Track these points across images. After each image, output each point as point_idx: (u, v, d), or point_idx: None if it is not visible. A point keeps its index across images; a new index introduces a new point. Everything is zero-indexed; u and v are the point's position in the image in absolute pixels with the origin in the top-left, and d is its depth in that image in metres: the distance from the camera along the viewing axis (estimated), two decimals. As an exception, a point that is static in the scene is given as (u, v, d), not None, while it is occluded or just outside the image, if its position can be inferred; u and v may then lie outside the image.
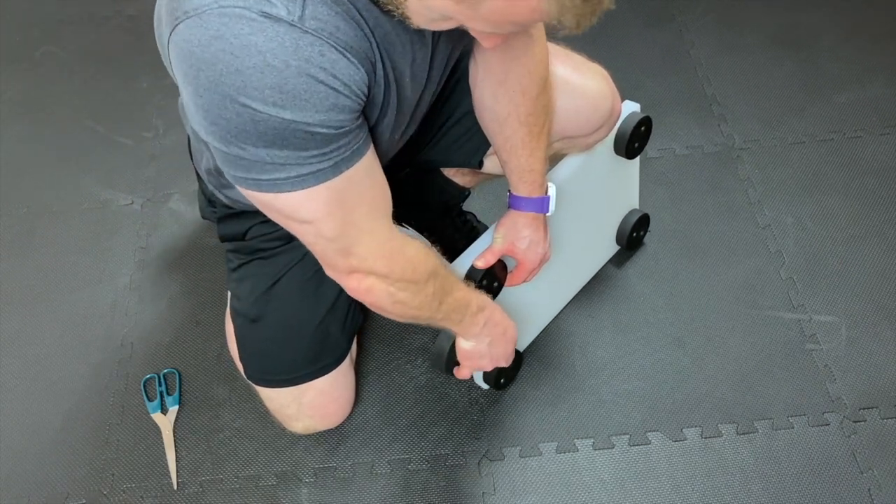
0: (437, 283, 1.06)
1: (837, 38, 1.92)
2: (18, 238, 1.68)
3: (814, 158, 1.70)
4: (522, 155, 1.16)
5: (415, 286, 1.03)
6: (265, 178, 0.87)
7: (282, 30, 0.79)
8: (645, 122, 1.34)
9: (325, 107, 0.83)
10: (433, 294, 1.06)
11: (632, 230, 1.52)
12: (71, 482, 1.34)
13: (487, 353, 1.20)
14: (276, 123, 0.82)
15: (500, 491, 1.30)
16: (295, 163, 0.85)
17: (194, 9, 0.80)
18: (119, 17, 2.14)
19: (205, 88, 0.81)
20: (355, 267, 0.99)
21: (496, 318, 1.18)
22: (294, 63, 0.80)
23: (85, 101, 1.94)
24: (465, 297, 1.12)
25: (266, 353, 1.27)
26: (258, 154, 0.84)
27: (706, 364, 1.42)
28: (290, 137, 0.83)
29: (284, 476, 1.33)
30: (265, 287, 1.25)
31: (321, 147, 0.86)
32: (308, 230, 0.95)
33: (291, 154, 0.85)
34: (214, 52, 0.79)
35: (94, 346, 1.51)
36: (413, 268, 1.02)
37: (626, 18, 2.01)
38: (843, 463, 1.29)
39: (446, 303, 1.09)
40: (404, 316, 1.08)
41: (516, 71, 1.10)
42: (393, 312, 1.06)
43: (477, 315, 1.14)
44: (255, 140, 0.83)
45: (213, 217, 1.35)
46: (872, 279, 1.51)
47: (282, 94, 0.80)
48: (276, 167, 0.86)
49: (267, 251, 1.25)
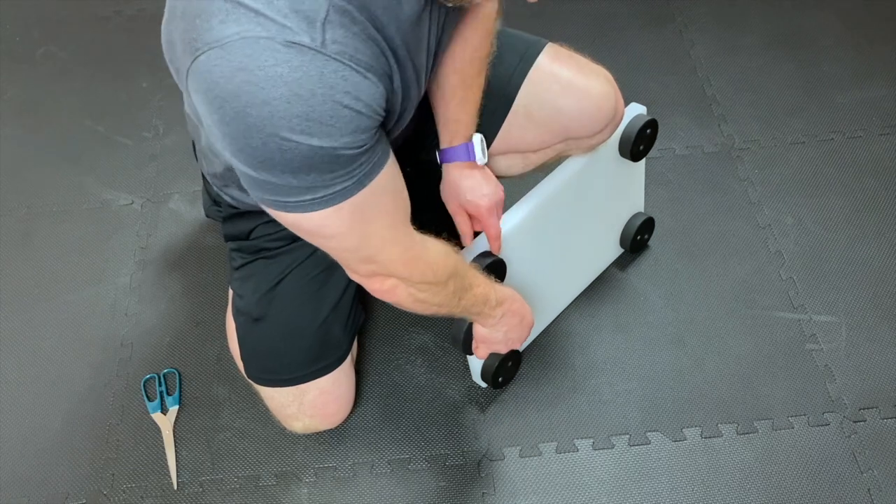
0: (458, 281, 1.09)
1: (837, 38, 1.92)
2: (18, 238, 1.68)
3: (814, 158, 1.70)
4: (451, 103, 1.17)
5: (436, 287, 1.06)
6: (292, 201, 0.87)
7: (306, 59, 0.79)
8: (651, 124, 1.34)
9: (350, 129, 0.83)
10: (453, 292, 1.09)
11: (636, 233, 1.52)
12: (71, 482, 1.34)
13: (503, 339, 1.25)
14: (303, 151, 0.82)
15: (500, 491, 1.30)
16: (321, 185, 0.86)
17: (216, 40, 0.79)
18: (119, 17, 2.14)
19: (230, 118, 0.81)
20: (377, 271, 1.01)
21: (514, 308, 1.22)
22: (320, 91, 0.80)
23: (85, 101, 1.94)
24: (485, 293, 1.15)
25: (268, 352, 1.27)
26: (285, 179, 0.85)
27: (706, 364, 1.42)
28: (317, 162, 0.84)
29: (284, 476, 1.33)
30: (269, 286, 1.25)
31: (346, 167, 0.86)
32: (331, 244, 0.97)
33: (318, 177, 0.85)
34: (239, 83, 0.79)
35: (94, 346, 1.51)
36: (434, 270, 1.04)
37: (626, 18, 2.01)
38: (843, 463, 1.30)
39: (466, 298, 1.12)
40: (425, 312, 1.11)
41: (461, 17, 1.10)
42: (414, 309, 1.10)
43: (495, 308, 1.18)
44: (282, 167, 0.83)
45: (217, 216, 1.36)
46: (872, 279, 1.51)
47: (308, 122, 0.80)
48: (303, 190, 0.86)
49: (271, 250, 1.26)
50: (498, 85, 1.24)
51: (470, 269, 1.13)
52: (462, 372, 1.43)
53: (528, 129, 1.27)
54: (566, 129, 1.24)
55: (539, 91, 1.25)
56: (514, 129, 1.28)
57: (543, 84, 1.25)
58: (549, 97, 1.24)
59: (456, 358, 1.44)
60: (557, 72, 1.24)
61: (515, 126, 1.28)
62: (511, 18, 1.23)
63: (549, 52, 1.26)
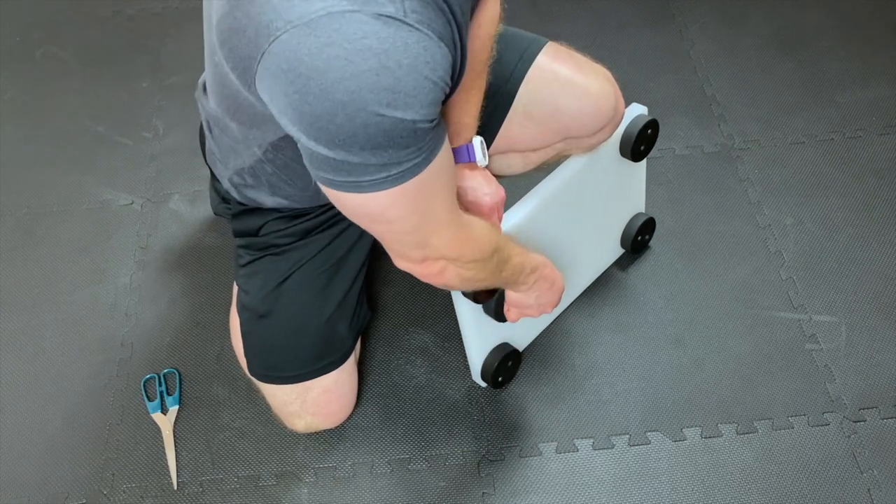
0: (499, 255, 1.10)
1: (837, 38, 1.92)
2: (18, 238, 1.68)
3: (814, 158, 1.70)
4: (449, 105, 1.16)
5: (482, 263, 1.06)
6: (365, 180, 0.87)
7: (391, 30, 0.79)
8: (652, 124, 1.34)
9: (428, 101, 0.83)
10: (496, 265, 1.10)
11: (637, 234, 1.52)
12: (71, 482, 1.34)
13: (535, 303, 1.24)
14: (386, 125, 0.82)
15: (500, 491, 1.30)
16: (395, 161, 0.86)
17: (299, 17, 0.79)
18: (119, 17, 2.14)
19: (314, 97, 0.80)
20: (428, 255, 1.01)
21: (545, 273, 1.21)
22: (406, 62, 0.80)
23: (85, 101, 1.94)
24: (521, 262, 1.15)
25: (272, 349, 1.27)
26: (363, 157, 0.84)
27: (706, 364, 1.42)
28: (397, 137, 0.83)
29: (284, 476, 1.33)
30: (276, 283, 1.25)
31: (419, 142, 0.86)
32: (393, 227, 0.96)
33: (394, 154, 0.85)
34: (327, 59, 0.78)
35: (94, 346, 1.51)
36: (481, 248, 1.05)
37: (626, 18, 2.01)
38: (843, 463, 1.29)
39: (506, 270, 1.13)
40: (469, 288, 1.14)
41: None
42: (460, 287, 1.12)
43: (529, 275, 1.18)
44: (363, 143, 0.83)
45: (226, 214, 1.36)
46: (872, 279, 1.51)
47: (395, 95, 0.80)
48: (378, 168, 0.86)
49: (279, 247, 1.26)
50: (498, 84, 1.24)
51: (507, 241, 1.13)
52: (462, 372, 1.43)
53: (528, 127, 1.27)
54: (566, 127, 1.24)
55: (538, 90, 1.25)
56: (513, 128, 1.28)
57: (543, 83, 1.25)
58: (549, 96, 1.24)
59: (456, 358, 1.44)
60: (557, 70, 1.24)
61: (515, 125, 1.28)
62: (511, 17, 1.23)
63: (548, 50, 1.26)
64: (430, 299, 1.52)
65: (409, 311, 1.52)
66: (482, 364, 1.34)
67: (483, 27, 1.12)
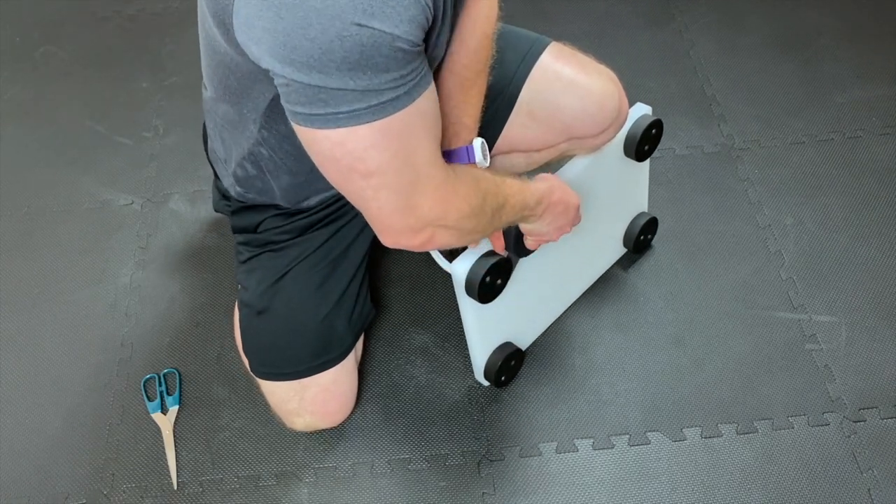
0: (492, 202, 1.05)
1: (837, 38, 1.93)
2: (18, 238, 1.68)
3: (814, 158, 1.70)
4: (447, 105, 1.16)
5: (472, 219, 1.03)
6: (344, 111, 0.85)
7: None
8: (656, 124, 1.34)
9: (409, 16, 0.82)
10: (491, 215, 1.06)
11: (639, 233, 1.52)
12: (71, 482, 1.34)
13: (550, 229, 1.20)
14: (365, 38, 0.80)
15: (500, 491, 1.30)
16: (375, 88, 0.84)
17: None
18: (119, 17, 2.14)
19: (287, 9, 0.79)
20: (412, 225, 0.97)
21: (554, 200, 1.16)
22: None
23: (85, 101, 1.94)
24: (521, 200, 1.11)
25: (270, 345, 1.27)
26: (341, 79, 0.82)
27: (706, 364, 1.42)
28: (376, 55, 0.82)
29: (284, 476, 1.33)
30: (273, 279, 1.26)
31: (400, 68, 0.85)
32: (370, 185, 0.92)
33: (374, 78, 0.83)
34: None
35: (94, 346, 1.51)
36: (468, 202, 1.01)
37: (626, 18, 2.01)
38: (843, 463, 1.29)
39: (504, 214, 1.09)
40: (466, 242, 1.09)
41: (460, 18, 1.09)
42: (460, 244, 1.07)
43: (535, 208, 1.14)
44: (339, 61, 0.81)
45: (226, 210, 1.36)
46: (872, 279, 1.51)
47: (372, 1, 0.79)
48: (357, 95, 0.84)
49: (278, 244, 1.26)
50: (501, 84, 1.24)
51: (501, 183, 1.08)
52: (462, 372, 1.43)
53: (531, 128, 1.27)
54: (569, 128, 1.24)
55: (541, 90, 1.25)
56: (517, 128, 1.28)
57: (546, 83, 1.24)
58: (552, 95, 1.24)
59: (456, 358, 1.44)
60: (560, 70, 1.24)
61: (518, 125, 1.28)
62: (511, 18, 1.23)
63: (552, 50, 1.26)
64: (430, 299, 1.52)
65: (409, 311, 1.52)
66: (485, 363, 1.34)
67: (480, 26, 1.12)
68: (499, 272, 1.21)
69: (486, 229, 1.07)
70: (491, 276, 1.19)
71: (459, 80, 1.14)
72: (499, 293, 1.23)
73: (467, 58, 1.13)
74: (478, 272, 1.18)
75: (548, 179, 1.17)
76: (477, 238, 1.10)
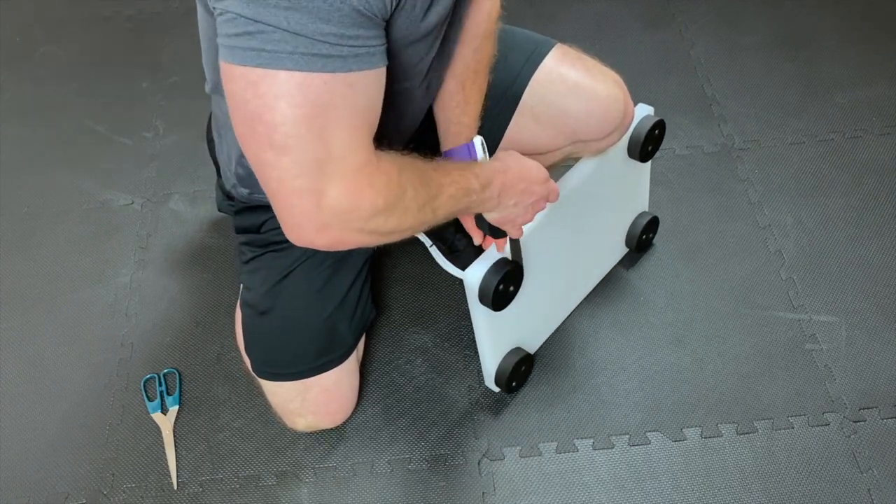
0: (420, 194, 0.94)
1: (837, 38, 1.92)
2: (18, 238, 1.68)
3: (814, 158, 1.70)
4: (450, 106, 1.15)
5: (389, 215, 0.91)
6: (271, 50, 0.80)
7: None
8: (658, 125, 1.34)
9: None
10: (420, 207, 0.95)
11: (641, 233, 1.52)
12: (71, 482, 1.34)
13: (520, 211, 1.11)
14: None
15: (500, 491, 1.30)
16: (308, 35, 0.80)
17: None
18: (119, 17, 2.14)
19: None
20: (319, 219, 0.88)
21: (509, 179, 1.06)
22: None
23: (85, 101, 1.94)
24: (463, 187, 1.00)
25: (272, 345, 1.27)
26: (275, 16, 0.79)
27: (706, 364, 1.42)
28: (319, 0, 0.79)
29: (284, 476, 1.33)
30: (276, 279, 1.26)
31: (343, 27, 0.81)
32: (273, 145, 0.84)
33: (309, 24, 0.80)
34: None
35: (94, 346, 1.51)
36: (384, 198, 0.90)
37: (626, 18, 2.01)
38: (843, 463, 1.29)
39: (441, 205, 0.98)
40: (400, 238, 0.97)
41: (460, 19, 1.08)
42: (386, 241, 0.96)
43: (484, 192, 1.03)
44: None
45: (230, 210, 1.37)
46: (872, 279, 1.50)
47: None
48: (287, 37, 0.80)
49: (280, 244, 1.26)
50: (504, 85, 1.24)
51: (435, 171, 0.97)
52: (462, 372, 1.43)
53: (535, 130, 1.27)
54: (574, 131, 1.24)
55: (545, 92, 1.24)
56: (521, 131, 1.28)
57: (550, 85, 1.24)
58: (556, 98, 1.24)
59: (456, 358, 1.44)
60: (564, 73, 1.24)
61: (522, 127, 1.27)
62: (511, 18, 1.23)
63: (556, 53, 1.26)
64: (430, 299, 1.52)
65: (409, 311, 1.52)
66: (496, 370, 1.34)
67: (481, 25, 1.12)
68: (511, 279, 1.20)
69: (414, 226, 0.96)
70: (504, 283, 1.18)
71: (460, 79, 1.14)
72: (511, 300, 1.23)
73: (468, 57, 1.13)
74: (491, 280, 1.17)
75: (500, 158, 1.09)
76: (411, 233, 0.97)
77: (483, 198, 1.04)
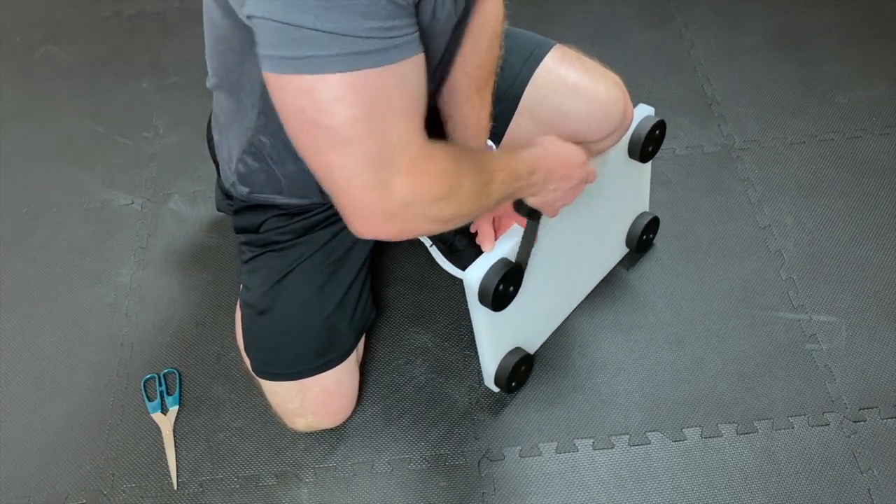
0: (476, 181, 0.97)
1: (837, 38, 1.92)
2: (18, 238, 1.68)
3: (814, 158, 1.70)
4: (465, 107, 1.15)
5: (449, 200, 0.94)
6: (318, 55, 0.80)
7: None
8: (659, 125, 1.34)
9: None
10: (476, 194, 0.97)
11: (642, 233, 1.52)
12: (71, 482, 1.34)
13: (559, 196, 1.13)
14: None
15: (500, 491, 1.30)
16: (352, 34, 0.80)
17: None
18: (119, 17, 2.14)
19: None
20: (386, 208, 0.89)
21: (551, 163, 1.09)
22: None
23: (85, 101, 1.94)
24: (512, 173, 1.03)
25: (272, 345, 1.28)
26: (317, 20, 0.79)
27: (706, 364, 1.42)
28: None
29: (284, 476, 1.33)
30: (276, 279, 1.26)
31: (382, 19, 0.81)
32: (335, 148, 0.86)
33: (351, 23, 0.80)
34: None
35: (94, 346, 1.51)
36: (444, 184, 0.93)
37: (626, 19, 2.01)
38: (843, 463, 1.29)
39: (494, 191, 1.00)
40: (460, 224, 1.00)
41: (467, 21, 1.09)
42: (447, 228, 0.99)
43: (531, 177, 1.06)
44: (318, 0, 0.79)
45: (229, 210, 1.37)
46: (872, 279, 1.50)
47: None
48: (332, 39, 0.80)
49: (280, 244, 1.26)
50: (504, 85, 1.24)
51: (485, 159, 1.01)
52: (462, 372, 1.43)
53: (535, 131, 1.27)
54: (573, 132, 1.24)
55: (545, 93, 1.25)
56: (521, 131, 1.28)
57: (549, 86, 1.24)
58: (556, 99, 1.24)
59: (456, 358, 1.44)
60: (564, 74, 1.24)
61: (523, 128, 1.28)
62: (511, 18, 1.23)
63: (555, 53, 1.26)
64: (430, 299, 1.52)
65: (409, 311, 1.52)
66: (495, 370, 1.34)
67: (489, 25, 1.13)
68: (511, 279, 1.20)
69: (472, 212, 0.98)
70: (504, 283, 1.18)
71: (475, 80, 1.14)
72: (511, 300, 1.23)
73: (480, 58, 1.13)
74: (491, 280, 1.17)
75: (541, 144, 1.11)
76: (467, 220, 1.00)
77: (530, 182, 1.07)
